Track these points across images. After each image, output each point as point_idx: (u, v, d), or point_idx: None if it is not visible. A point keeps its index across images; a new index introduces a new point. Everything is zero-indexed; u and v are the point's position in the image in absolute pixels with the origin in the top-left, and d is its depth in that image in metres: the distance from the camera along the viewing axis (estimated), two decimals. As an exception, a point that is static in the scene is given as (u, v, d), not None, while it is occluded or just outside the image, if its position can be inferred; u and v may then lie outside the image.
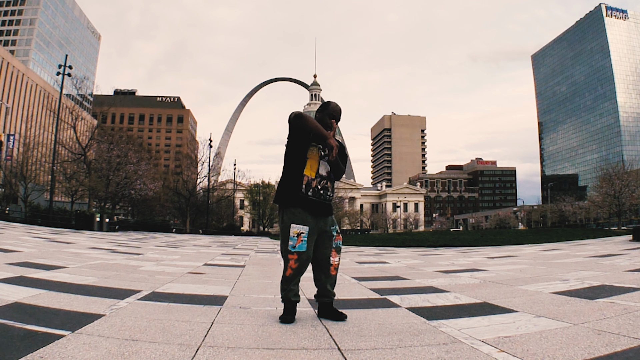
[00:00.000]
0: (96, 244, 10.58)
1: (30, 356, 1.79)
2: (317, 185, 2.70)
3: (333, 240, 2.82)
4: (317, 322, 2.77)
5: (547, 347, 2.08)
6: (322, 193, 2.71)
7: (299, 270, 2.71)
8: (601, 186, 38.04)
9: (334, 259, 2.81)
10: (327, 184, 2.75)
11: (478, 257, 9.03)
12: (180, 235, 27.69)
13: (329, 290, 2.81)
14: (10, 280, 3.75)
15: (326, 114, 2.79)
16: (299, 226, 2.66)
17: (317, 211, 2.70)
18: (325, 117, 2.78)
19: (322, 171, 2.72)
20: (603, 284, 4.09)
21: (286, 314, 2.74)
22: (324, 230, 2.77)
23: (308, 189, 2.67)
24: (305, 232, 2.66)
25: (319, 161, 2.71)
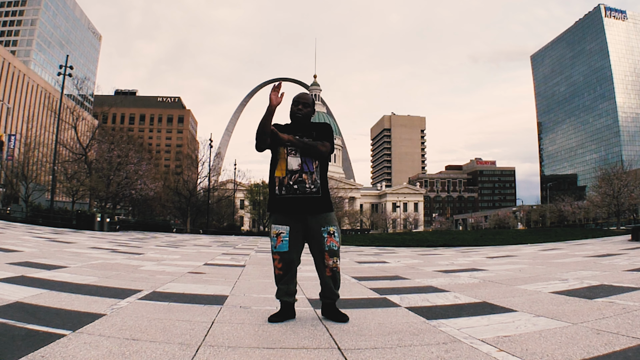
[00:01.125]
0: (97, 244, 10.59)
1: (32, 355, 1.80)
2: (289, 182, 2.64)
3: (325, 243, 2.67)
4: (317, 321, 2.78)
5: (547, 347, 2.08)
6: (297, 187, 2.62)
7: (284, 270, 2.68)
8: (600, 186, 38.04)
9: (328, 262, 2.68)
10: (301, 177, 2.63)
11: (477, 257, 9.03)
12: (181, 235, 27.71)
13: (330, 291, 2.75)
14: (11, 279, 3.76)
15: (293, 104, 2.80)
16: (278, 226, 2.66)
17: (294, 208, 2.63)
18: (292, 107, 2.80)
19: (291, 166, 2.65)
20: (602, 284, 4.09)
21: (276, 314, 2.75)
22: (315, 231, 2.67)
23: (281, 189, 2.65)
24: (285, 232, 2.64)
25: (286, 158, 2.67)
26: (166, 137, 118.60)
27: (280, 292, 2.73)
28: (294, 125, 2.78)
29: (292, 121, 2.80)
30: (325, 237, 2.68)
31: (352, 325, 2.65)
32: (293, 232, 2.65)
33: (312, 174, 2.67)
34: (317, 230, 2.66)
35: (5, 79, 62.99)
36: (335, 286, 2.75)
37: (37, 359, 1.78)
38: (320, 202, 2.68)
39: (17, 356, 1.78)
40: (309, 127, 2.77)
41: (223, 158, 79.10)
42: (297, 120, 2.77)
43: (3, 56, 62.97)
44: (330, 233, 2.68)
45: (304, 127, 2.77)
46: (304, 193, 2.63)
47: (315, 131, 2.76)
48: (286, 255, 2.65)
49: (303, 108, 2.76)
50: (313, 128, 2.78)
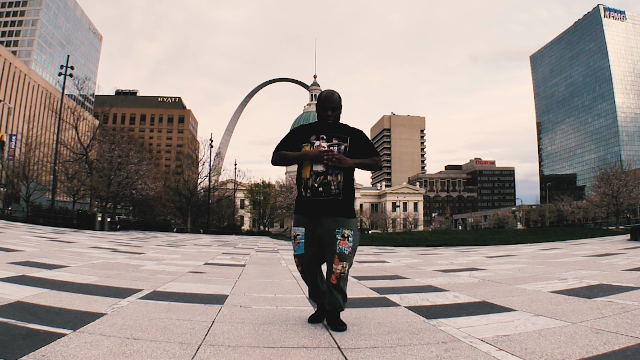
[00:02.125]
0: (98, 244, 10.61)
1: (33, 355, 1.81)
2: (314, 184, 2.55)
3: (336, 245, 2.51)
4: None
5: (546, 346, 2.09)
6: (322, 190, 2.53)
7: (305, 272, 2.66)
8: (599, 186, 38.08)
9: (336, 267, 2.50)
10: (326, 179, 2.53)
11: (477, 257, 9.04)
12: (181, 235, 27.74)
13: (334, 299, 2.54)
14: (12, 279, 3.77)
15: (319, 108, 2.61)
16: (295, 229, 2.65)
17: (313, 210, 2.56)
18: (320, 112, 2.61)
19: (316, 167, 2.55)
20: (601, 283, 4.10)
21: (313, 315, 2.77)
22: (330, 232, 2.52)
23: (306, 191, 2.59)
24: (301, 233, 2.60)
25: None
26: (167, 137, 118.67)
27: (311, 294, 2.76)
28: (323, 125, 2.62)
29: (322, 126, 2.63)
30: (338, 239, 2.52)
31: (352, 325, 2.65)
32: (308, 233, 2.58)
33: (338, 175, 2.57)
34: (331, 232, 2.53)
35: (6, 79, 63.06)
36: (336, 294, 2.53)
37: (39, 358, 1.78)
38: (341, 205, 2.57)
39: (19, 355, 1.78)
40: (341, 130, 2.64)
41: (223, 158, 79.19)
42: (328, 127, 2.62)
43: (4, 56, 63.03)
44: (345, 236, 2.54)
45: (335, 130, 2.63)
46: (329, 195, 2.54)
47: (350, 136, 2.63)
48: (303, 258, 2.61)
49: (332, 113, 2.59)
50: (346, 132, 2.64)
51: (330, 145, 2.58)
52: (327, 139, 2.60)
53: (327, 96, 2.60)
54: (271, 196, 64.08)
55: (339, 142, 2.59)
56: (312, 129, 2.65)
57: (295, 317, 2.89)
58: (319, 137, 2.60)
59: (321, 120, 2.62)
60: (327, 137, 2.60)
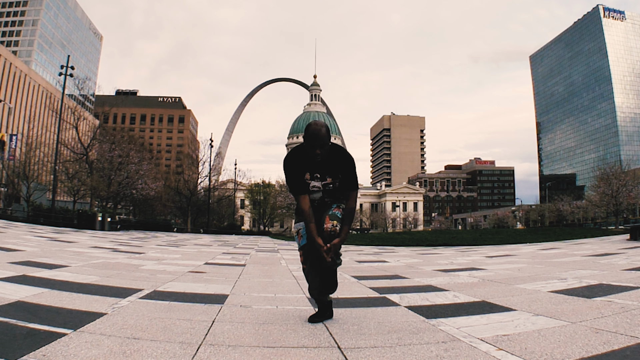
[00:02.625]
0: (98, 243, 10.62)
1: (33, 354, 1.81)
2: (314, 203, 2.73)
3: (331, 210, 2.66)
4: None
5: (545, 346, 2.09)
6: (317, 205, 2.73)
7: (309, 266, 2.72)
8: (599, 186, 38.09)
9: (327, 225, 2.60)
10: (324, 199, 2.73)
11: (477, 256, 9.04)
12: (182, 235, 27.75)
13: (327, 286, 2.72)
14: (12, 279, 3.78)
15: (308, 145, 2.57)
16: (297, 224, 2.75)
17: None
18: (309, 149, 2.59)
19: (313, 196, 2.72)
20: (600, 283, 4.10)
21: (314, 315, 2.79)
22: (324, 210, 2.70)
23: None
24: (302, 227, 2.71)
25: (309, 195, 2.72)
26: (167, 137, 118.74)
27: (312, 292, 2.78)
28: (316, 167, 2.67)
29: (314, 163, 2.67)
30: (333, 206, 2.68)
31: (352, 324, 2.66)
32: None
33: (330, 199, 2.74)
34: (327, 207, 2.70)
35: (6, 79, 63.09)
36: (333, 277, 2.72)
37: (39, 357, 1.78)
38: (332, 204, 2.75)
39: (19, 355, 1.79)
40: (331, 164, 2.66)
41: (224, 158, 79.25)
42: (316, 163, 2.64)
43: (5, 56, 63.06)
44: (340, 207, 2.68)
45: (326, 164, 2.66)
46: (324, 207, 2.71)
47: (341, 172, 2.67)
48: (307, 248, 2.69)
49: (320, 151, 2.57)
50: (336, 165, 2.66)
51: (325, 183, 2.68)
52: (321, 177, 2.68)
53: (315, 133, 2.53)
54: (271, 196, 64.12)
55: (332, 181, 2.70)
56: (305, 165, 2.66)
57: (296, 316, 2.89)
58: (313, 176, 2.68)
59: (310, 156, 2.61)
60: (320, 175, 2.68)
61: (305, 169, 2.67)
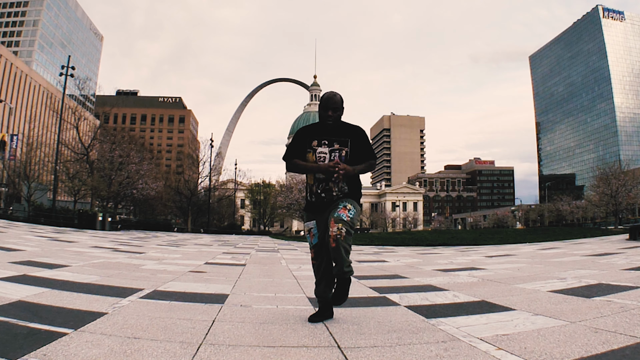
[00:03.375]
0: (98, 243, 10.63)
1: (34, 354, 1.82)
2: (317, 190, 2.73)
3: (336, 211, 2.59)
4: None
5: (545, 345, 2.09)
6: (324, 195, 2.70)
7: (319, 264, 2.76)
8: (598, 186, 38.14)
9: (332, 229, 2.52)
10: (327, 185, 2.69)
11: (476, 256, 9.04)
12: (182, 234, 27.76)
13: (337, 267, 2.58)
14: (13, 278, 3.79)
15: (320, 108, 2.68)
16: (307, 223, 2.81)
17: (319, 209, 2.75)
18: (321, 112, 2.69)
19: (318, 175, 2.69)
20: (600, 283, 4.10)
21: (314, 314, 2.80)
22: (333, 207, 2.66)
23: (311, 196, 2.77)
24: (313, 226, 2.76)
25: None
26: (167, 137, 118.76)
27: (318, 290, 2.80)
28: (325, 127, 2.68)
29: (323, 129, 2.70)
30: (339, 207, 2.61)
31: (352, 324, 2.67)
32: (320, 224, 2.74)
33: (339, 182, 2.70)
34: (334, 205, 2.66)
35: (7, 79, 63.13)
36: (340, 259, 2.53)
37: (40, 357, 1.79)
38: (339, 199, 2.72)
39: (20, 354, 1.79)
40: (341, 131, 2.70)
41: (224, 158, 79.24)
42: (330, 125, 2.67)
43: (5, 57, 63.09)
44: (346, 207, 2.61)
45: (335, 131, 2.69)
46: (331, 200, 2.70)
47: (351, 138, 2.68)
48: (318, 247, 2.74)
49: (333, 113, 2.64)
50: (346, 132, 2.69)
51: (332, 150, 2.67)
52: (329, 143, 2.67)
53: (329, 97, 2.66)
54: (271, 196, 64.10)
55: (340, 147, 2.68)
56: (313, 132, 2.71)
57: (296, 316, 2.90)
58: (321, 142, 2.66)
59: (322, 120, 2.68)
60: (328, 142, 2.67)
61: (314, 136, 2.69)
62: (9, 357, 1.75)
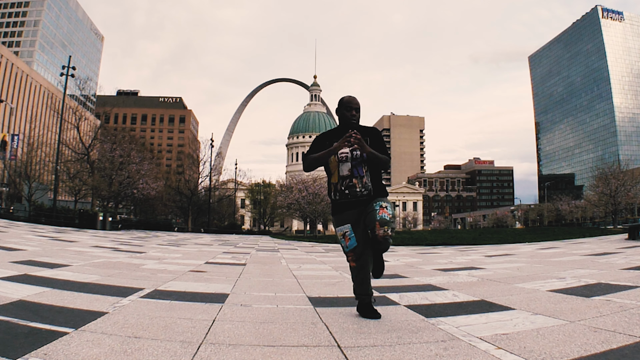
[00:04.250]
0: (99, 243, 10.64)
1: (34, 353, 1.82)
2: (341, 187, 2.81)
3: (376, 214, 2.67)
4: (317, 319, 2.80)
5: (544, 344, 2.10)
6: (348, 192, 2.78)
7: (361, 266, 2.80)
8: (597, 185, 38.19)
9: (379, 231, 2.63)
10: (351, 182, 2.79)
11: (476, 256, 9.04)
12: (182, 234, 27.78)
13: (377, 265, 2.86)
14: (14, 278, 3.80)
15: (343, 109, 2.88)
16: (341, 227, 2.83)
17: (348, 208, 2.80)
18: (344, 113, 2.88)
19: (342, 172, 2.80)
20: (599, 282, 4.10)
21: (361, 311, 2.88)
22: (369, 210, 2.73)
23: (336, 194, 2.84)
24: (348, 229, 2.79)
25: (338, 166, 2.82)
26: (168, 137, 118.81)
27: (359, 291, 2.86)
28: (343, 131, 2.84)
29: (345, 126, 2.87)
30: (377, 209, 2.70)
31: (352, 323, 2.68)
32: (354, 226, 2.79)
33: (362, 178, 2.80)
34: (370, 208, 2.74)
35: (8, 80, 63.20)
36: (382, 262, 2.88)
37: (41, 356, 1.80)
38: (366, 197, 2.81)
39: (21, 354, 1.80)
40: (360, 131, 2.85)
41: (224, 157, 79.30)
42: (351, 126, 2.85)
43: (6, 57, 63.14)
44: (383, 206, 2.71)
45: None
46: (355, 197, 2.78)
47: (370, 137, 2.85)
48: (358, 250, 2.78)
49: (356, 113, 2.87)
50: (365, 132, 2.86)
51: (353, 149, 2.79)
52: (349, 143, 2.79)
53: (352, 98, 2.90)
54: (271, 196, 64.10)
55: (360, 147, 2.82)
56: (333, 135, 2.89)
57: (296, 315, 2.90)
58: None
59: (345, 120, 2.87)
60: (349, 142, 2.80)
61: (333, 139, 2.84)
62: (10, 357, 1.76)
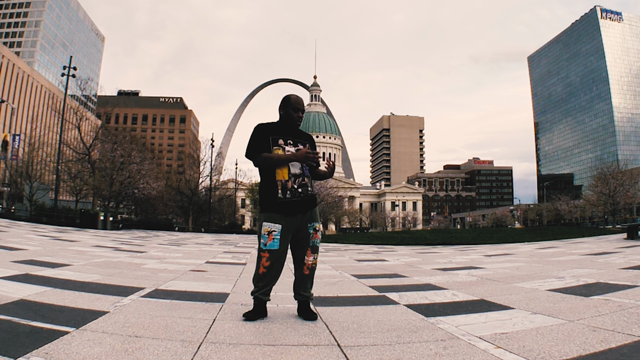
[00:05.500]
0: (100, 242, 10.66)
1: (36, 352, 1.83)
2: (293, 186, 2.70)
3: (310, 239, 2.75)
4: (317, 318, 2.81)
5: (543, 344, 2.10)
6: (301, 191, 2.71)
7: (270, 269, 2.70)
8: (596, 185, 38.21)
9: (308, 259, 2.75)
10: (304, 181, 2.73)
11: (475, 255, 9.04)
12: (183, 234, 27.80)
13: (303, 289, 2.80)
14: (15, 277, 3.81)
15: (290, 108, 2.81)
16: (270, 224, 2.69)
17: (293, 210, 2.69)
18: (290, 112, 2.81)
19: (294, 171, 2.71)
20: (598, 282, 4.11)
21: (251, 312, 2.76)
22: (301, 228, 2.73)
23: (285, 193, 2.68)
24: (277, 230, 2.67)
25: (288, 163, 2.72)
26: (168, 137, 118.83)
27: (261, 292, 2.75)
28: (286, 128, 2.82)
29: (288, 125, 2.82)
30: (311, 232, 2.76)
31: (352, 322, 2.68)
32: (284, 231, 2.69)
33: (309, 177, 2.82)
34: (304, 227, 2.75)
35: (9, 80, 63.24)
36: (310, 284, 2.84)
37: (42, 355, 1.81)
38: (313, 200, 2.81)
39: (22, 353, 1.81)
40: (301, 133, 2.88)
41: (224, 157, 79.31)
42: (295, 127, 2.85)
43: (7, 57, 63.18)
44: (316, 229, 2.78)
45: (298, 132, 2.86)
46: (307, 195, 2.74)
47: (309, 142, 2.86)
48: (276, 253, 2.69)
49: (302, 114, 2.87)
50: (305, 136, 2.88)
51: (297, 149, 2.77)
52: (294, 143, 2.80)
53: (300, 100, 2.86)
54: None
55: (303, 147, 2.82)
56: (278, 130, 2.80)
57: (296, 315, 2.91)
58: (287, 141, 2.78)
59: (291, 120, 2.82)
60: (293, 142, 2.80)
61: (279, 134, 2.77)
62: (11, 356, 1.77)
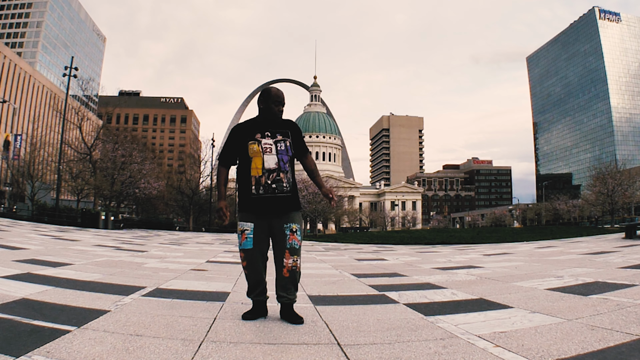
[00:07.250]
0: (101, 242, 10.68)
1: (37, 351, 1.84)
2: (267, 181, 2.58)
3: (286, 241, 2.60)
4: (317, 317, 2.82)
5: (542, 342, 2.11)
6: (275, 187, 2.58)
7: (250, 269, 2.64)
8: (595, 185, 38.25)
9: (287, 261, 2.60)
10: (279, 176, 2.59)
11: (474, 255, 9.04)
12: (184, 233, 27.83)
13: (285, 290, 2.65)
14: (17, 276, 3.82)
15: (271, 102, 2.71)
16: (243, 223, 2.62)
17: (268, 207, 2.58)
18: (271, 106, 2.71)
19: (269, 165, 2.59)
20: (596, 281, 4.11)
21: (250, 312, 2.76)
22: (278, 229, 2.61)
23: (258, 188, 2.59)
24: (249, 229, 2.60)
25: (262, 156, 2.60)
26: (169, 137, 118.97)
27: (253, 293, 2.72)
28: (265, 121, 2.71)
29: (268, 117, 2.71)
30: (287, 234, 2.61)
31: (352, 322, 2.69)
32: (257, 229, 2.61)
33: (287, 172, 2.64)
34: (279, 228, 2.61)
35: (11, 80, 63.36)
36: (293, 287, 2.66)
37: (43, 354, 1.82)
38: (291, 201, 2.65)
39: (24, 352, 1.82)
40: (282, 123, 2.75)
41: (225, 157, 78.97)
42: (275, 119, 2.73)
43: (9, 57, 63.28)
44: (293, 230, 2.62)
45: (277, 123, 2.74)
46: (282, 192, 2.60)
47: (290, 130, 2.74)
48: (250, 253, 2.61)
49: (282, 108, 2.75)
50: (286, 125, 2.75)
51: (277, 141, 2.66)
52: (272, 135, 2.68)
53: (281, 93, 2.75)
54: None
55: (283, 138, 2.69)
56: (255, 125, 2.70)
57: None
58: (264, 134, 2.67)
59: (272, 114, 2.72)
60: (271, 133, 2.69)
61: (256, 129, 2.67)
62: (13, 354, 1.78)
